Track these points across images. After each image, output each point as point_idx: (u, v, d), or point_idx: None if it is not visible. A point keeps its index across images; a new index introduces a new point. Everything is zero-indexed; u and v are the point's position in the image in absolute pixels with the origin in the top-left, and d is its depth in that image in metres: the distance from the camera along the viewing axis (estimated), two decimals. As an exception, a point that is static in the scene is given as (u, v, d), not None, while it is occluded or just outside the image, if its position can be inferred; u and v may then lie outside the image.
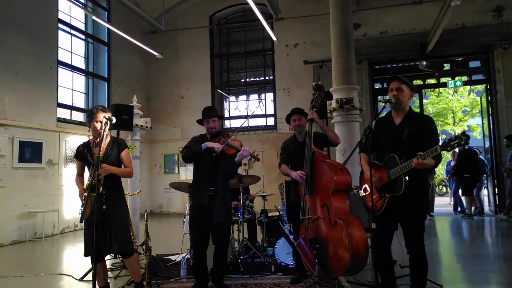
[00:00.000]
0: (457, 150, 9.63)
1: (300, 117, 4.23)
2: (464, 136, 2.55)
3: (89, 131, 3.40)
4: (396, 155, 3.02)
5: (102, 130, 3.44)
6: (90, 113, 3.56)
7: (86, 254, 3.50)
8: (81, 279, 4.59)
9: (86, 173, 3.62)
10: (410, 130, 3.04)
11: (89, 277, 4.44)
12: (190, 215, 4.10)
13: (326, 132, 4.10)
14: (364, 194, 3.28)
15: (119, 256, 4.71)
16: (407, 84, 3.17)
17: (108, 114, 3.54)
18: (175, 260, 5.20)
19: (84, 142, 3.67)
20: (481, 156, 9.84)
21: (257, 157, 3.92)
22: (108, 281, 3.72)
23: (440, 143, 2.78)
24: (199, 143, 3.93)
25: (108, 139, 3.63)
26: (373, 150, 3.24)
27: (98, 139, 3.51)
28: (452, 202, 13.35)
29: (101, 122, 3.48)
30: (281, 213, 4.90)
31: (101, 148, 3.42)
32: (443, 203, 13.29)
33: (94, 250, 3.04)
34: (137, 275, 3.67)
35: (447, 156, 18.45)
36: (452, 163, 10.52)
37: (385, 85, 10.77)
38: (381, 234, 3.10)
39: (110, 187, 3.51)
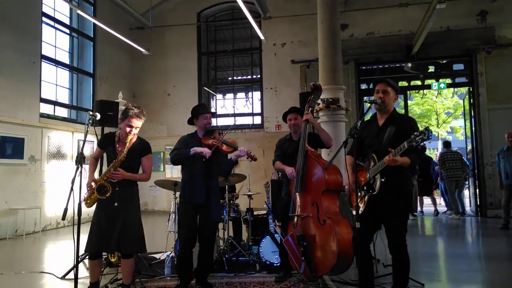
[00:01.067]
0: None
1: (296, 117, 4.25)
2: (427, 131, 2.65)
3: (118, 127, 3.38)
4: (377, 155, 3.06)
5: (130, 135, 3.45)
6: (125, 113, 3.50)
7: (86, 249, 3.46)
8: (63, 277, 4.51)
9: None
10: (391, 131, 3.08)
11: (71, 275, 4.38)
12: (180, 213, 3.97)
13: (319, 133, 4.12)
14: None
15: (104, 254, 4.64)
16: (392, 86, 3.21)
17: (142, 121, 3.52)
18: (160, 258, 5.17)
19: (111, 132, 3.61)
20: (463, 158, 10.04)
21: (254, 156, 3.88)
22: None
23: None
24: (189, 143, 3.88)
25: (134, 139, 3.58)
26: (360, 153, 3.28)
27: (125, 141, 3.50)
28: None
29: (131, 127, 3.46)
30: (270, 209, 4.91)
31: (125, 148, 3.45)
32: (425, 203, 13.46)
33: (77, 247, 2.98)
34: (129, 277, 3.60)
35: (432, 156, 18.75)
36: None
37: (371, 86, 10.88)
38: (363, 233, 3.12)
39: (124, 184, 3.47)
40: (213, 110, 12.77)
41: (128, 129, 3.47)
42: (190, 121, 4.07)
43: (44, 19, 9.00)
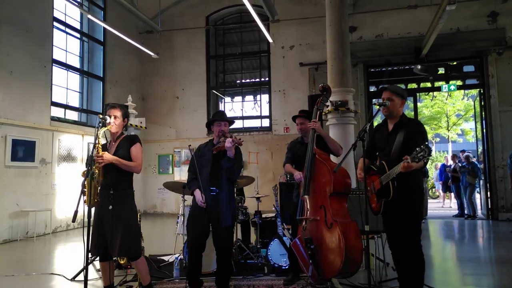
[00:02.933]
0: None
1: (303, 121, 4.22)
2: (427, 148, 2.71)
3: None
4: (386, 161, 3.13)
5: (111, 125, 3.48)
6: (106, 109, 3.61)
7: (92, 252, 3.49)
8: (73, 279, 4.55)
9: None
10: (399, 138, 3.13)
11: (81, 277, 4.41)
12: (188, 216, 3.89)
13: (328, 143, 4.06)
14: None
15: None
16: (397, 93, 3.26)
17: (118, 110, 3.57)
18: (168, 261, 5.18)
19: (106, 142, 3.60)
20: (474, 160, 9.94)
21: (239, 141, 3.65)
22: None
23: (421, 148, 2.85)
24: (203, 152, 3.87)
25: (123, 137, 3.62)
26: (373, 155, 3.41)
27: (113, 135, 3.57)
28: (444, 205, 13.52)
29: (110, 117, 3.51)
30: (279, 212, 4.90)
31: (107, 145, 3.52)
32: (435, 206, 13.36)
33: (87, 249, 3.00)
34: (145, 278, 3.58)
35: (439, 159, 18.61)
36: (453, 166, 10.74)
37: (380, 87, 10.83)
38: (388, 235, 3.29)
39: (118, 188, 3.46)
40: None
41: (108, 119, 3.49)
42: (209, 127, 4.02)
43: (55, 23, 9.12)
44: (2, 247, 6.93)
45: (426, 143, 2.76)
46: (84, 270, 3.06)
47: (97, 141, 3.34)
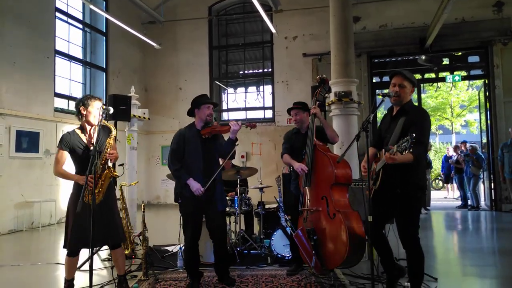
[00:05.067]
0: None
1: (297, 112, 4.22)
2: (410, 139, 2.60)
3: (81, 118, 3.37)
4: (385, 149, 3.06)
5: (100, 118, 3.39)
6: (86, 100, 3.51)
7: (73, 247, 3.47)
8: (78, 269, 4.57)
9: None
10: (399, 125, 3.04)
11: (86, 266, 4.46)
12: (183, 208, 3.79)
13: (325, 129, 4.07)
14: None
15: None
16: (409, 80, 3.15)
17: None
18: (172, 251, 5.22)
19: (69, 132, 3.52)
20: (478, 151, 9.90)
21: (252, 124, 3.76)
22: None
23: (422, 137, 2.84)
24: (187, 136, 3.80)
25: (96, 127, 3.60)
26: (380, 144, 3.32)
27: (91, 127, 3.53)
28: (449, 196, 13.50)
29: (98, 109, 3.48)
30: (280, 204, 4.92)
31: (93, 136, 3.49)
32: (439, 197, 13.36)
33: (91, 241, 3.02)
34: (122, 267, 3.61)
35: (443, 151, 18.55)
36: (455, 157, 10.69)
37: (384, 79, 10.77)
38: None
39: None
40: (224, 104, 12.80)
41: (96, 112, 3.48)
42: (191, 112, 3.96)
43: (57, 14, 9.09)
44: (8, 238, 7.00)
45: (416, 134, 2.61)
46: (89, 260, 3.08)
47: (110, 139, 3.43)
